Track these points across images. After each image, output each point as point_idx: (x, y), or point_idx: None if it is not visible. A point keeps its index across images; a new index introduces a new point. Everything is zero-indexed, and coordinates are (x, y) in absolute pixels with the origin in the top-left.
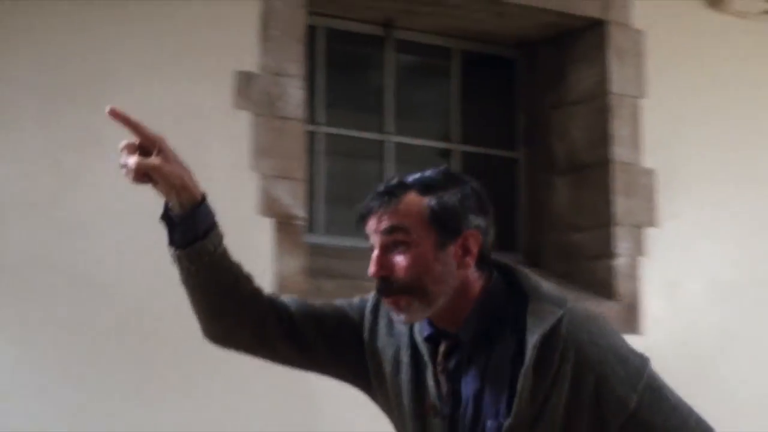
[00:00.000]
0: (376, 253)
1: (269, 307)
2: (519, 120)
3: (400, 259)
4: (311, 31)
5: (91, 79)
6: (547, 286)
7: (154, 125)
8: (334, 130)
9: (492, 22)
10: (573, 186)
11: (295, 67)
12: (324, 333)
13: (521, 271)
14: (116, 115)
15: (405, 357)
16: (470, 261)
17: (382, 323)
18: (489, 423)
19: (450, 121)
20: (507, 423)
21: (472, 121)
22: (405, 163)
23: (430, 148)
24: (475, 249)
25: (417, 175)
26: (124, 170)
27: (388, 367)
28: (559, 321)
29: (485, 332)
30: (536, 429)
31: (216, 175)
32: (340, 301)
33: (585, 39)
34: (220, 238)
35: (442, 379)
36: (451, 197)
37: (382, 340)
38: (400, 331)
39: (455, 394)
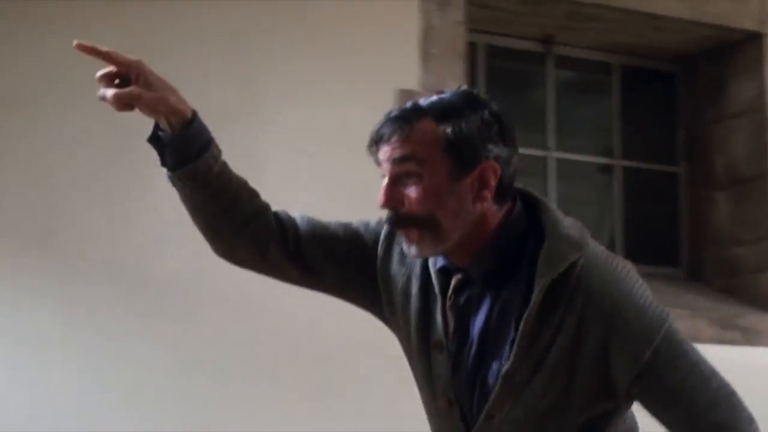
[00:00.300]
0: (385, 183)
1: (275, 227)
2: (679, 134)
3: (411, 191)
4: (471, 48)
5: (250, 99)
6: (568, 224)
7: (315, 145)
8: None
9: (651, 36)
10: (734, 200)
11: (455, 84)
12: (333, 256)
13: (544, 205)
14: (84, 48)
15: (414, 288)
16: (487, 194)
17: (396, 250)
18: (493, 364)
19: (611, 136)
20: (505, 368)
21: (632, 135)
22: (566, 178)
23: (592, 164)
24: (493, 181)
25: (434, 99)
26: (103, 102)
27: (397, 297)
28: (572, 266)
29: (498, 269)
30: (536, 377)
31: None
32: (356, 222)
33: (743, 52)
34: (215, 157)
35: (450, 314)
36: (468, 124)
37: (395, 267)
38: (412, 260)
39: (463, 331)
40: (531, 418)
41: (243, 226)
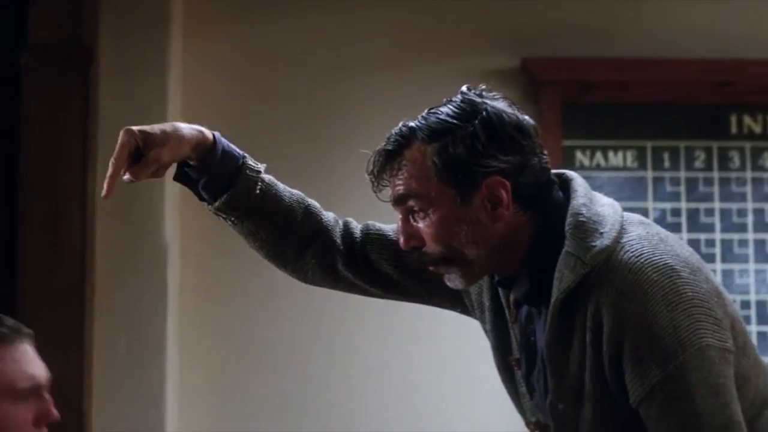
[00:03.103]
0: (399, 222)
1: (340, 246)
2: None
3: (424, 227)
4: None
5: None
6: (593, 218)
7: None
8: None
9: None
10: None
11: None
12: (406, 270)
13: (574, 199)
14: (109, 191)
15: (486, 300)
16: (504, 211)
17: None
18: None
19: None
20: (548, 399)
21: None
22: None
23: None
24: (505, 196)
25: (424, 115)
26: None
27: (476, 309)
28: (587, 276)
29: (540, 284)
30: (584, 408)
31: None
32: None
33: None
34: (252, 179)
35: (515, 330)
36: (456, 144)
37: None
38: None
39: (529, 350)
40: None
41: (303, 250)
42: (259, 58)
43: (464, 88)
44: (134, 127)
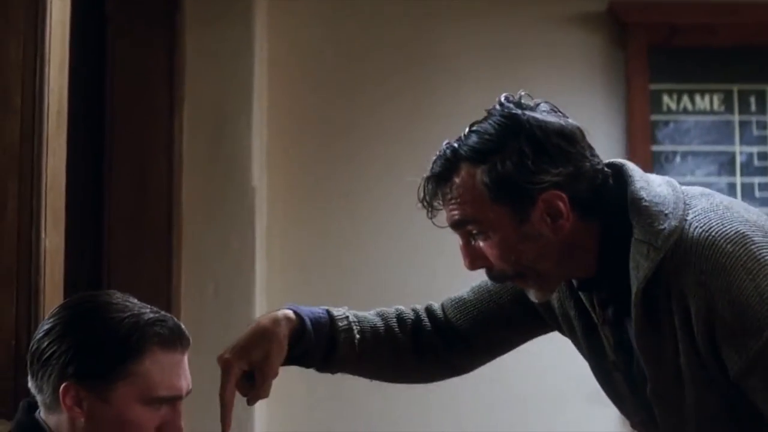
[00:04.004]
0: (461, 245)
1: (438, 341)
2: None
3: (487, 248)
4: None
5: None
6: (654, 200)
7: None
8: None
9: None
10: None
11: None
12: (496, 327)
13: (630, 185)
14: (229, 428)
15: (571, 309)
16: (564, 222)
17: None
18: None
19: None
20: (648, 389)
21: None
22: None
23: None
24: (563, 208)
25: (467, 134)
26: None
27: (563, 323)
28: (660, 265)
29: (622, 274)
30: (686, 391)
31: None
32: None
33: None
34: (348, 330)
35: (606, 331)
36: (505, 162)
37: None
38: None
39: (625, 347)
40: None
41: (416, 366)
42: (347, 5)
43: (502, 99)
44: (228, 356)
